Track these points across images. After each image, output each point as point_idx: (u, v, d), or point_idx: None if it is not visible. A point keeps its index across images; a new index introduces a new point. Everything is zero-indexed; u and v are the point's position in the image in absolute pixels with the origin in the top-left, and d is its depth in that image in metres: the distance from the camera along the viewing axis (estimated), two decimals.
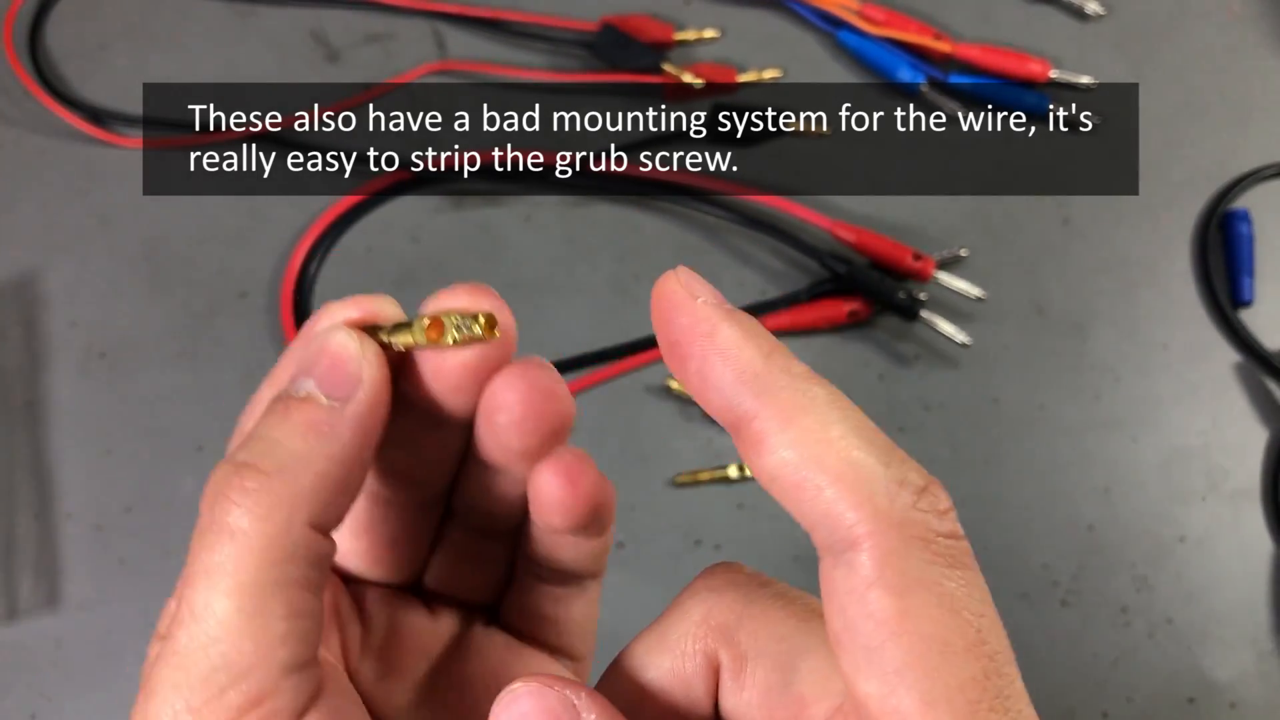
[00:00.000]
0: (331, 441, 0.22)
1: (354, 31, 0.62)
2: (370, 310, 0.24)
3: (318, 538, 0.21)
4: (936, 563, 0.19)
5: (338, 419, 0.22)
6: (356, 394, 0.22)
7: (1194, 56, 0.61)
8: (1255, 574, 0.51)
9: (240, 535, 0.20)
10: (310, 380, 0.22)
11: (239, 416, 0.24)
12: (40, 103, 0.59)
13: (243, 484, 0.21)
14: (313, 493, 0.21)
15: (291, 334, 0.55)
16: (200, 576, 0.20)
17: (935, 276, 0.54)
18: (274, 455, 0.21)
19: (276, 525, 0.21)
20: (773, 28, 0.62)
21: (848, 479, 0.19)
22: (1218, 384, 0.54)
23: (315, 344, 0.23)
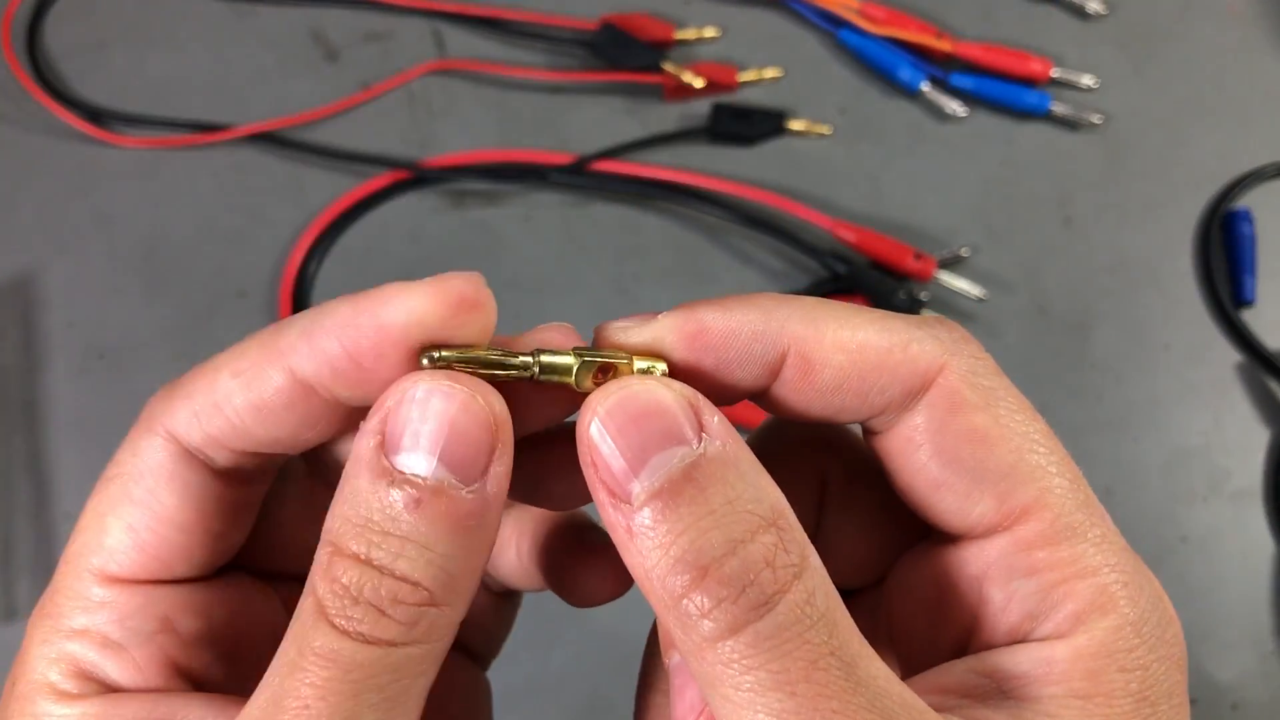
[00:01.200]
0: (483, 535, 0.19)
1: (353, 31, 0.62)
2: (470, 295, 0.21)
3: (455, 632, 0.20)
4: None
5: (483, 508, 0.19)
6: (494, 468, 0.19)
7: (1195, 56, 0.61)
8: (1257, 574, 0.51)
9: (395, 651, 0.18)
10: (433, 461, 0.19)
11: None
12: (39, 102, 0.59)
13: (400, 600, 0.18)
14: (469, 593, 0.19)
15: None
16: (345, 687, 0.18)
17: (936, 276, 0.54)
18: (431, 567, 0.18)
19: (435, 638, 0.19)
20: (773, 27, 0.62)
21: None
22: (1219, 384, 0.54)
23: (434, 406, 0.19)
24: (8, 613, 0.50)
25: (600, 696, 0.49)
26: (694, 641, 0.18)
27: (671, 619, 0.18)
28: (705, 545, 0.18)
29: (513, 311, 0.57)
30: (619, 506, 0.19)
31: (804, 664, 0.18)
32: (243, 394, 0.20)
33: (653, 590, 0.19)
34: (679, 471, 0.19)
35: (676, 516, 0.18)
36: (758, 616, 0.18)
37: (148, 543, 0.21)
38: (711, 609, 0.18)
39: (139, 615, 0.21)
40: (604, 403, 0.19)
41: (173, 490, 0.21)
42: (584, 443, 0.19)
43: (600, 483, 0.19)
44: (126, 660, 0.21)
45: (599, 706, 0.49)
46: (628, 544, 0.19)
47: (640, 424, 0.19)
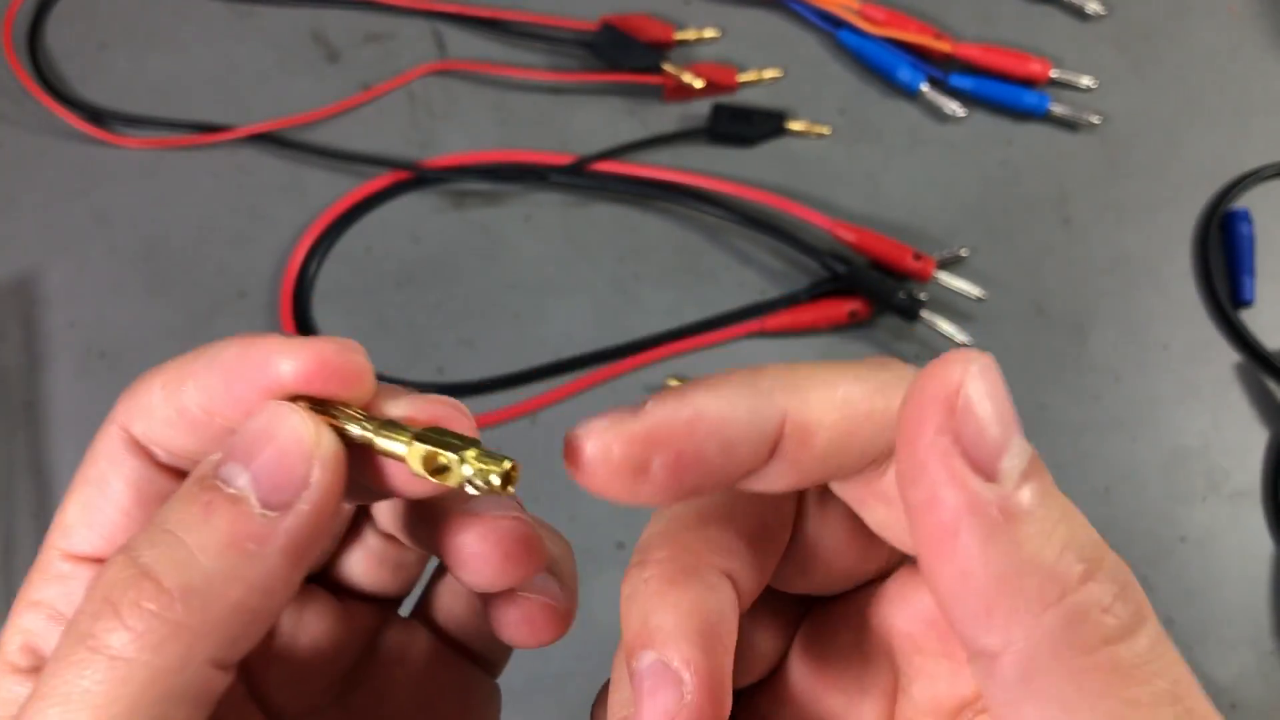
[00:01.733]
0: (257, 565, 0.18)
1: (354, 31, 0.62)
2: (335, 362, 0.19)
3: (214, 674, 0.18)
4: None
5: (269, 536, 0.18)
6: (298, 505, 0.18)
7: (1194, 56, 0.61)
8: (1256, 574, 0.51)
9: (121, 664, 0.17)
10: (245, 473, 0.18)
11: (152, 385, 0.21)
12: (40, 103, 0.59)
13: (138, 600, 0.17)
14: (222, 626, 0.18)
15: (291, 333, 0.55)
16: (58, 699, 0.17)
17: (935, 276, 0.54)
18: (184, 572, 0.18)
19: (168, 661, 0.17)
20: (773, 27, 0.62)
21: None
22: (1218, 384, 0.54)
23: (260, 423, 0.19)
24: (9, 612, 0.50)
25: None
26: (1087, 642, 0.16)
27: (1054, 618, 0.16)
28: (1086, 539, 0.17)
29: (513, 311, 0.57)
30: (985, 485, 0.16)
31: (1189, 682, 0.16)
32: (162, 406, 0.21)
33: (1020, 587, 0.16)
34: (1036, 459, 0.17)
35: (1056, 503, 0.17)
36: (1143, 621, 0.16)
37: (96, 521, 0.21)
38: (1113, 603, 0.16)
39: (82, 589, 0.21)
40: (974, 365, 0.17)
41: (119, 475, 0.21)
42: (942, 397, 0.17)
43: (964, 455, 0.16)
44: None
45: None
46: (993, 530, 0.16)
47: (1007, 399, 0.17)
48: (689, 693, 0.18)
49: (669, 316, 0.55)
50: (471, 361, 0.55)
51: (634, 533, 0.56)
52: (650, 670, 0.19)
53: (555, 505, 0.51)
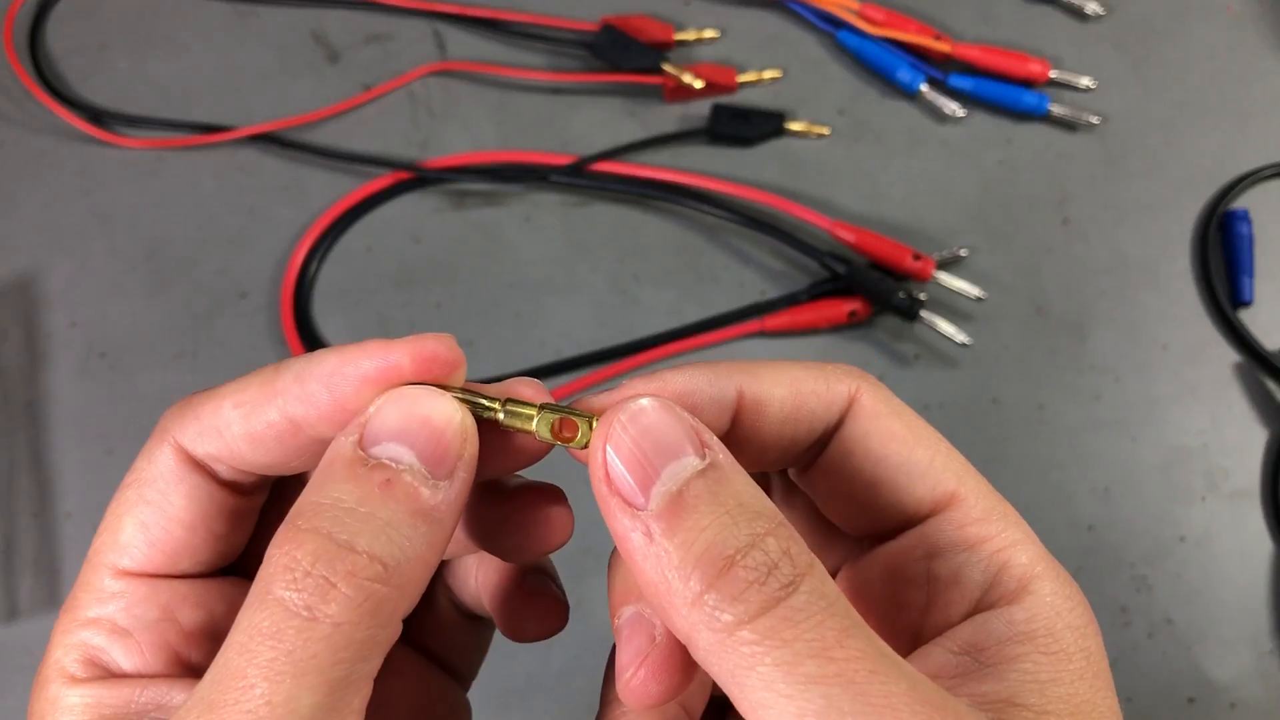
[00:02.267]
0: (441, 530, 0.20)
1: (354, 32, 0.63)
2: (444, 354, 0.22)
3: (400, 627, 0.20)
4: None
5: (446, 504, 0.20)
6: (458, 473, 0.21)
7: (1193, 57, 0.61)
8: (1255, 574, 0.51)
9: (342, 630, 0.19)
10: (409, 451, 0.20)
11: None
12: (40, 103, 0.59)
13: (353, 573, 0.19)
14: (420, 586, 0.20)
15: (292, 334, 0.55)
16: (287, 667, 0.18)
17: (935, 276, 0.54)
18: (391, 544, 0.19)
19: (382, 624, 0.19)
20: (773, 28, 0.62)
21: None
22: (1217, 384, 0.54)
23: (408, 407, 0.21)
24: (10, 612, 0.51)
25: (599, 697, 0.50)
26: (723, 628, 0.19)
27: (695, 615, 0.19)
28: (728, 540, 0.19)
29: (513, 311, 0.58)
30: (635, 515, 0.20)
31: (835, 633, 0.19)
32: (241, 424, 0.22)
33: (672, 591, 0.19)
34: (693, 478, 0.20)
35: (696, 517, 0.20)
36: (786, 595, 0.19)
37: (157, 539, 0.23)
38: (741, 592, 0.19)
39: (144, 604, 0.23)
40: (617, 418, 0.21)
41: (180, 493, 0.23)
42: (597, 457, 0.21)
43: (615, 493, 0.20)
44: (131, 645, 0.22)
45: (599, 707, 0.49)
46: (645, 549, 0.20)
47: (652, 437, 0.21)
48: (660, 634, 0.21)
49: (669, 316, 0.55)
50: (471, 361, 0.55)
51: None
52: (628, 621, 0.22)
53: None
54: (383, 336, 0.54)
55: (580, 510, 0.46)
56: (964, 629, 0.22)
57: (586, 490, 0.22)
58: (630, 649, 0.21)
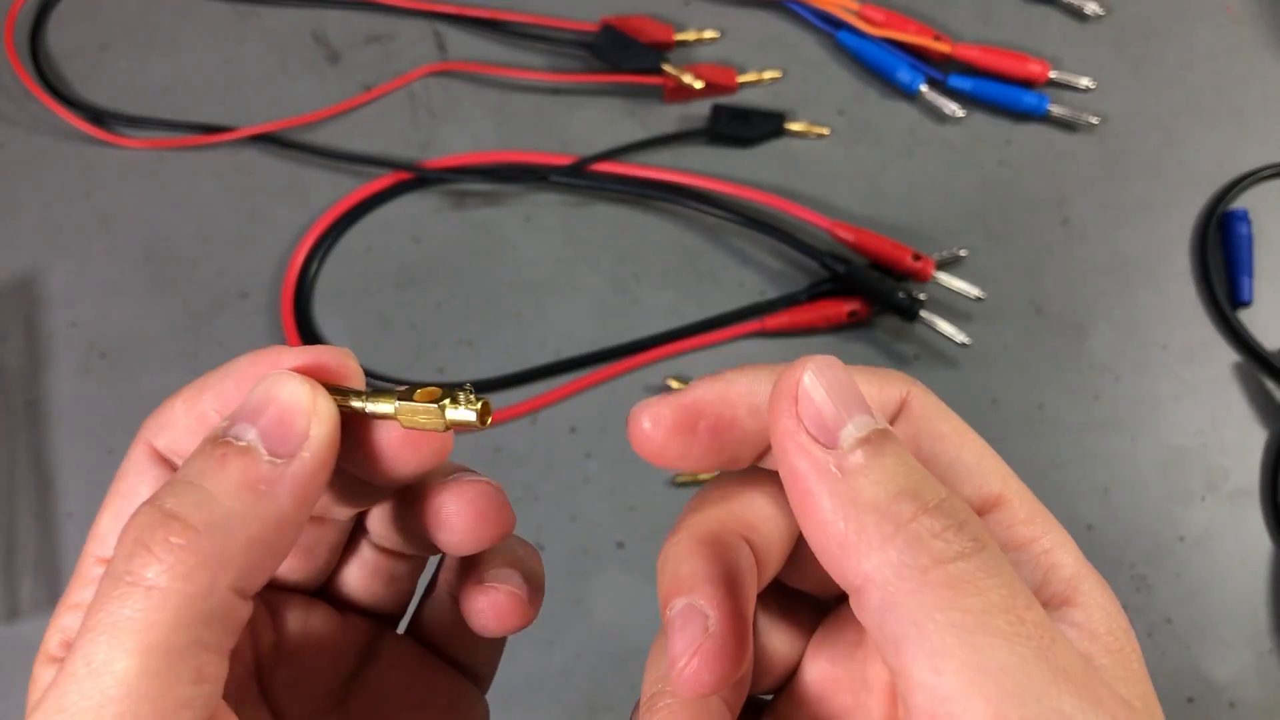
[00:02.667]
0: (269, 504, 0.21)
1: (354, 32, 0.63)
2: (331, 364, 0.23)
3: (238, 601, 0.20)
4: None
5: (278, 480, 0.21)
6: (301, 453, 0.21)
7: (1193, 57, 0.61)
8: (1254, 574, 0.51)
9: (156, 593, 0.19)
10: (252, 429, 0.21)
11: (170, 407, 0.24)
12: (41, 103, 0.60)
13: (167, 537, 0.20)
14: (242, 556, 0.20)
15: (292, 334, 0.55)
16: (104, 629, 0.19)
17: (935, 276, 0.54)
18: (206, 510, 0.20)
19: (198, 587, 0.19)
20: (773, 28, 0.62)
21: None
22: (1217, 384, 0.54)
23: (263, 388, 0.22)
24: (11, 611, 0.51)
25: (600, 696, 0.50)
26: (917, 568, 0.19)
27: (886, 554, 0.19)
28: (922, 485, 0.20)
29: (513, 311, 0.58)
30: (826, 450, 0.20)
31: (1025, 597, 0.19)
32: (183, 417, 0.23)
33: (860, 528, 0.20)
34: (881, 430, 0.21)
35: (891, 461, 0.20)
36: (979, 549, 0.19)
37: None
38: (944, 530, 0.19)
39: None
40: (815, 363, 0.21)
41: (146, 484, 0.24)
42: (788, 390, 0.21)
43: (804, 428, 0.21)
44: None
45: (599, 706, 0.49)
46: (835, 485, 0.20)
47: (848, 388, 0.21)
48: (713, 625, 0.21)
49: (669, 316, 0.55)
50: (471, 361, 0.55)
51: (634, 533, 0.57)
52: (680, 612, 0.22)
53: (556, 505, 0.51)
54: (383, 337, 0.54)
55: (582, 511, 0.46)
56: None
57: (581, 491, 0.22)
58: (684, 639, 0.21)
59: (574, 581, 0.50)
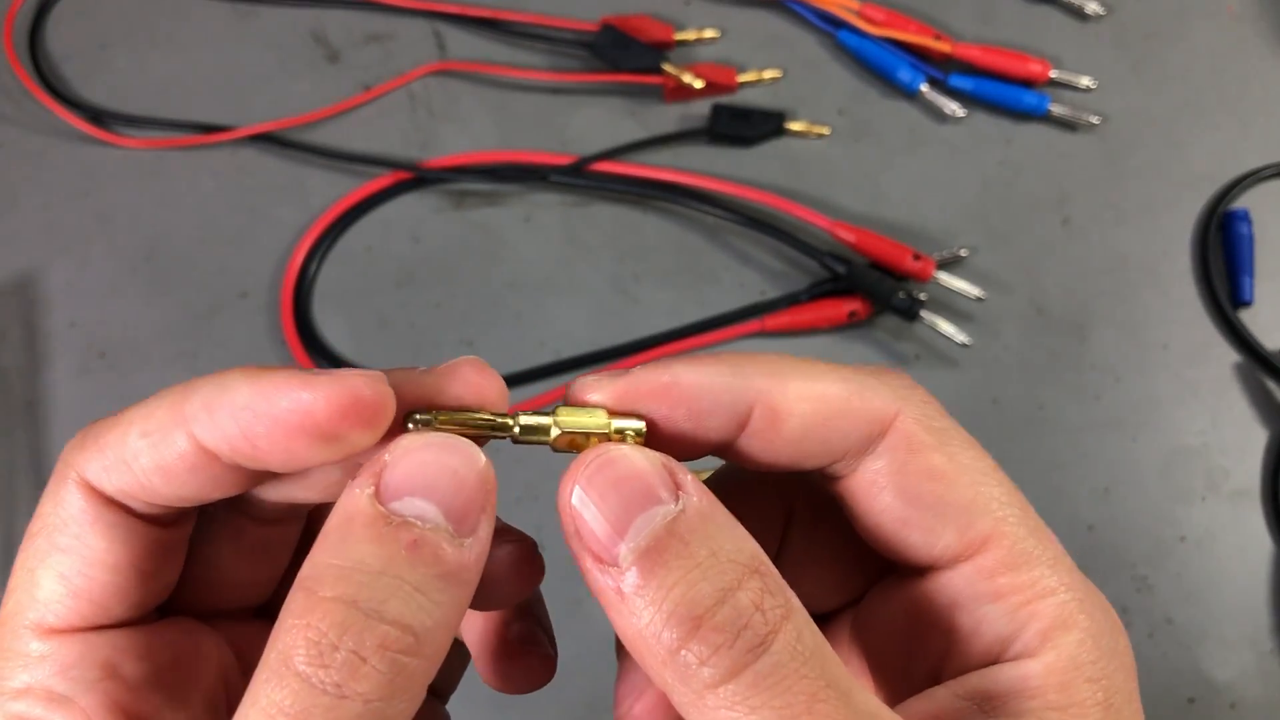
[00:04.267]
0: (467, 589, 0.19)
1: (354, 32, 0.62)
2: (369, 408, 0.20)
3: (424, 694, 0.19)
4: None
5: (469, 560, 0.19)
6: (481, 527, 0.19)
7: (1193, 57, 0.61)
8: (1255, 574, 0.51)
9: (371, 706, 0.18)
10: (433, 507, 0.19)
11: None
12: (40, 103, 0.59)
13: (383, 645, 0.18)
14: (444, 651, 0.19)
15: (291, 334, 0.55)
16: None
17: (935, 276, 0.54)
18: (419, 613, 0.18)
19: (412, 695, 0.18)
20: (773, 28, 0.62)
21: None
22: (1218, 384, 0.54)
23: (439, 457, 0.19)
24: None
25: (600, 696, 0.50)
26: (694, 690, 0.19)
27: (668, 674, 0.19)
28: (696, 597, 0.19)
29: (513, 311, 0.58)
30: (607, 570, 0.19)
31: (805, 697, 0.18)
32: (149, 454, 0.20)
33: (647, 648, 0.19)
34: (662, 529, 0.19)
35: (665, 572, 0.19)
36: (755, 658, 0.18)
37: (81, 588, 0.21)
38: (710, 656, 0.18)
39: (81, 664, 0.21)
40: (583, 471, 0.20)
41: (98, 533, 0.21)
42: (566, 511, 0.20)
43: (586, 549, 0.20)
44: (74, 711, 0.20)
45: (599, 706, 0.49)
46: (619, 605, 0.19)
47: (619, 488, 0.20)
48: None
49: (669, 316, 0.55)
50: None
51: None
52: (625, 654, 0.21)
53: (556, 506, 0.51)
54: (383, 337, 0.54)
55: None
56: (976, 676, 0.21)
57: None
58: (627, 684, 0.21)
59: (574, 582, 0.50)
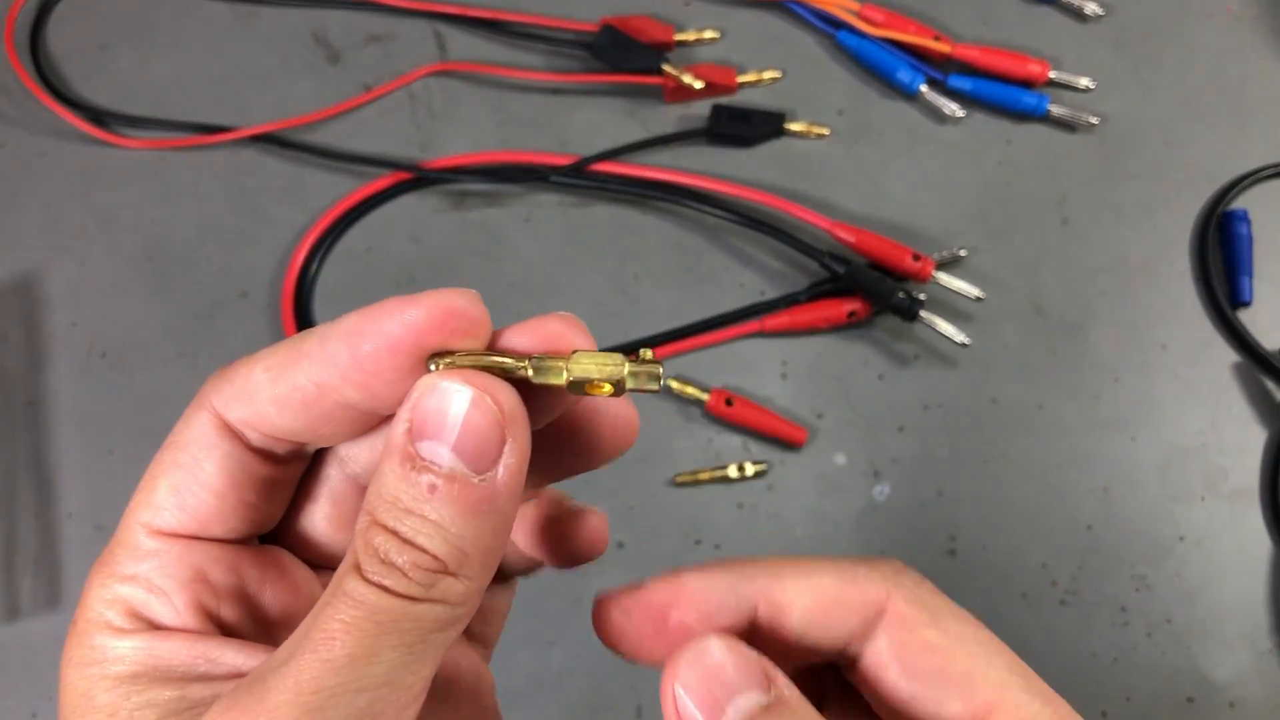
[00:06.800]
0: (495, 516, 0.21)
1: (354, 32, 0.63)
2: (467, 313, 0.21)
3: (478, 601, 0.22)
4: None
5: (494, 492, 0.21)
6: (504, 459, 0.21)
7: (1192, 58, 0.61)
8: (1254, 574, 0.51)
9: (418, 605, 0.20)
10: (447, 451, 0.21)
11: None
12: (41, 103, 0.60)
13: (418, 565, 0.20)
14: (489, 568, 0.21)
15: (292, 334, 0.55)
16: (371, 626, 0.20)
17: (935, 276, 0.54)
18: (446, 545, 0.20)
19: (455, 604, 0.21)
20: (773, 28, 0.62)
21: None
22: (1217, 384, 0.54)
23: (434, 402, 0.21)
24: (11, 612, 0.51)
25: (600, 696, 0.50)
26: None
27: None
28: None
29: (513, 312, 0.57)
30: None
31: None
32: (269, 388, 0.22)
33: None
34: (759, 711, 0.21)
35: None
36: None
37: (187, 503, 0.23)
38: None
39: (178, 564, 0.23)
40: (683, 657, 0.22)
41: (212, 459, 0.23)
42: (668, 698, 0.22)
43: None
44: (167, 603, 0.23)
45: (599, 706, 0.49)
46: None
47: (719, 676, 0.22)
48: None
49: (669, 316, 0.56)
50: None
51: (634, 533, 0.57)
52: None
53: None
54: None
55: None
56: None
57: (581, 492, 0.22)
58: None
59: (574, 581, 0.50)
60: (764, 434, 0.53)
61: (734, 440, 0.53)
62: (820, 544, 0.52)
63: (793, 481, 0.53)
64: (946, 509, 0.52)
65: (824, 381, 0.54)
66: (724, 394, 0.53)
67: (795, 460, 0.53)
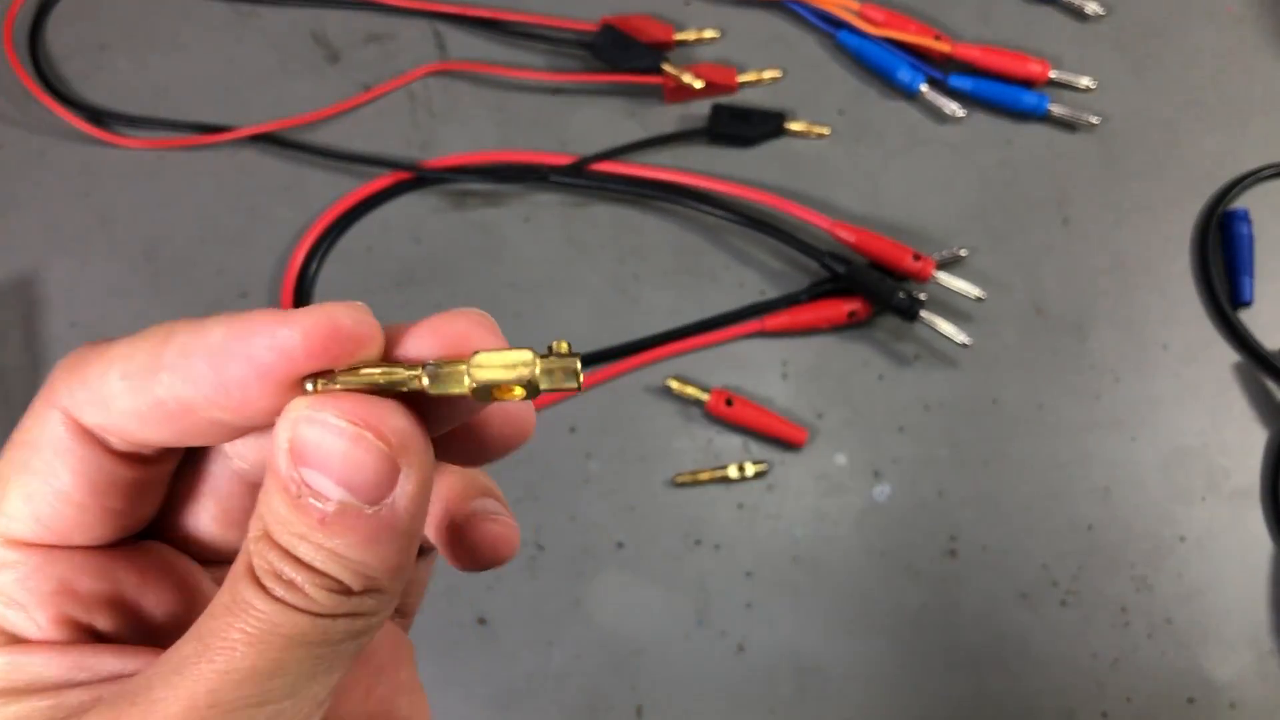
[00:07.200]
0: (396, 536, 0.19)
1: (354, 32, 0.63)
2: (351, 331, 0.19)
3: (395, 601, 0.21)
4: None
5: (392, 519, 0.19)
6: (401, 485, 0.19)
7: (1193, 57, 0.61)
8: (1255, 574, 0.51)
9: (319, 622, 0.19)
10: (334, 486, 0.19)
11: None
12: (41, 103, 0.59)
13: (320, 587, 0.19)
14: (400, 580, 0.20)
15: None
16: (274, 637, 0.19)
17: (935, 276, 0.54)
18: (344, 571, 0.19)
19: (374, 619, 0.20)
20: (773, 28, 0.62)
21: None
22: (1217, 384, 0.54)
23: (312, 436, 0.19)
24: None
25: (600, 696, 0.50)
26: None
27: None
28: None
29: (513, 311, 0.58)
30: None
31: None
32: (127, 398, 0.20)
33: None
34: None
35: None
36: None
37: (43, 513, 0.21)
38: None
39: (37, 576, 0.21)
40: None
41: (68, 466, 0.21)
42: None
43: None
44: (28, 617, 0.21)
45: (599, 706, 0.49)
46: None
47: None
48: None
49: (669, 316, 0.55)
50: None
51: (634, 533, 0.57)
52: None
53: (556, 505, 0.51)
54: None
55: (582, 511, 0.46)
56: None
57: (580, 492, 0.22)
58: None
59: (574, 582, 0.50)
60: (764, 434, 0.53)
61: (734, 440, 0.53)
62: (820, 544, 0.52)
63: (793, 482, 0.53)
64: (947, 509, 0.52)
65: (824, 381, 0.54)
66: (724, 394, 0.53)
67: (795, 460, 0.53)
